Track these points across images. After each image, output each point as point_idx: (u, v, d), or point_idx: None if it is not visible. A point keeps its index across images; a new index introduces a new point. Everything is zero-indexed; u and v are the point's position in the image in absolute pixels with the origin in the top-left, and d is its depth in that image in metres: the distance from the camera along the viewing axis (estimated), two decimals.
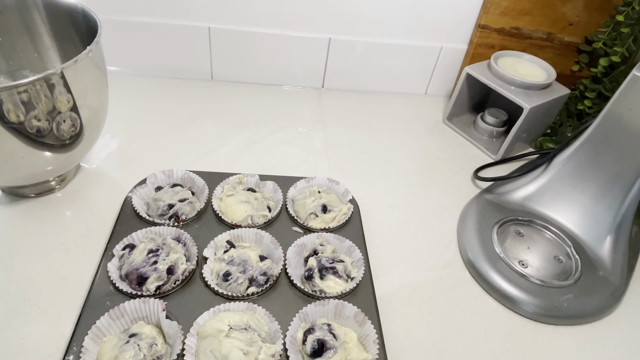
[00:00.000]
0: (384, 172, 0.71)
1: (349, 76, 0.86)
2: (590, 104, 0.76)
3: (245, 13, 0.76)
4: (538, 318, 0.53)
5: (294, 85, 0.87)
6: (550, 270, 0.57)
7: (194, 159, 0.68)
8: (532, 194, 0.64)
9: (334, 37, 0.80)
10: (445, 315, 0.52)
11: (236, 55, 0.81)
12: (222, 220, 0.56)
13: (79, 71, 0.48)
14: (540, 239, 0.61)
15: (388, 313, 0.51)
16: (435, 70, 0.86)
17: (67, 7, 0.56)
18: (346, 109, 0.83)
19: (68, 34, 0.58)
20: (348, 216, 0.58)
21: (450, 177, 0.72)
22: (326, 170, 0.70)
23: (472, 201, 0.66)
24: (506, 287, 0.54)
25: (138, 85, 0.81)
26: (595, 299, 0.54)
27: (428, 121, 0.83)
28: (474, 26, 0.80)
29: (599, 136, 0.58)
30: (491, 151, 0.77)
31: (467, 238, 0.60)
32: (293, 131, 0.76)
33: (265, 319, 0.47)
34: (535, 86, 0.71)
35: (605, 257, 0.58)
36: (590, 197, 0.60)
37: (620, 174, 0.57)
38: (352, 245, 0.54)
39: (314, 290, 0.50)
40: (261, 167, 0.68)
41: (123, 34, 0.77)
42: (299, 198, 0.60)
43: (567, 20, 0.78)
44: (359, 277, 0.51)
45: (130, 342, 0.42)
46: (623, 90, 0.54)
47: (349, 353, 0.44)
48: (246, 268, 0.50)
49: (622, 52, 0.69)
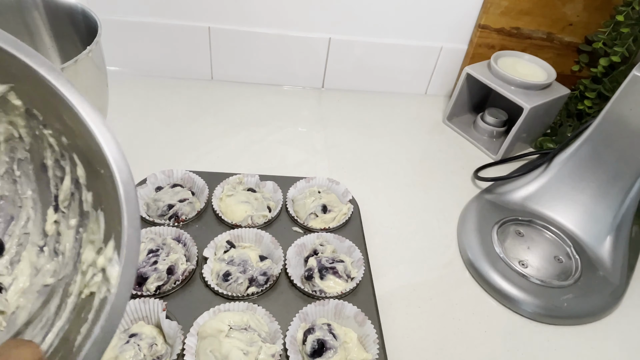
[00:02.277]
0: (384, 172, 0.71)
1: (349, 76, 0.86)
2: (590, 104, 0.76)
3: (245, 13, 0.76)
4: (538, 318, 0.53)
5: (294, 85, 0.87)
6: (550, 270, 0.57)
7: (194, 159, 0.68)
8: (532, 194, 0.64)
9: (334, 37, 0.80)
10: (445, 315, 0.52)
11: (236, 55, 0.81)
12: (222, 220, 0.56)
13: (79, 71, 0.48)
14: (540, 239, 0.61)
15: (388, 313, 0.51)
16: (435, 70, 0.86)
17: (67, 7, 0.56)
18: (346, 109, 0.83)
19: (68, 34, 0.58)
20: (348, 216, 0.58)
21: (450, 177, 0.72)
22: (326, 170, 0.70)
23: (472, 201, 0.66)
24: (506, 287, 0.54)
25: (138, 85, 0.81)
26: (595, 299, 0.55)
27: (428, 121, 0.83)
28: (474, 26, 0.80)
29: (599, 136, 0.58)
30: (491, 151, 0.77)
31: (467, 238, 0.60)
32: (293, 131, 0.76)
33: (265, 319, 0.47)
34: (535, 86, 0.71)
35: (605, 257, 0.58)
36: (590, 197, 0.60)
37: (620, 174, 0.57)
38: (352, 245, 0.54)
39: (314, 290, 0.50)
40: (261, 167, 0.68)
41: (123, 34, 0.77)
42: (299, 198, 0.60)
43: (567, 20, 0.78)
44: (359, 277, 0.51)
45: (130, 342, 0.42)
46: (623, 90, 0.54)
47: (349, 353, 0.44)
48: (246, 268, 0.50)
49: (622, 52, 0.69)
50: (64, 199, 0.31)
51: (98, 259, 0.27)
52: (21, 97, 0.29)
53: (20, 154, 0.33)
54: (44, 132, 0.30)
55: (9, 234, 0.33)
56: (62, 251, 0.31)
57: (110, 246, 0.26)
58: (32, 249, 0.33)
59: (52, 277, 0.31)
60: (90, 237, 0.29)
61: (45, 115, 0.30)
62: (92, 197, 0.29)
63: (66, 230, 0.31)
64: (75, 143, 0.29)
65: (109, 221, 0.28)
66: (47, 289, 0.31)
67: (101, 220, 0.28)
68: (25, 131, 0.31)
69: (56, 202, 0.32)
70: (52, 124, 0.30)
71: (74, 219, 0.31)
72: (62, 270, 0.31)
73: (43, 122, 0.30)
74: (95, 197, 0.29)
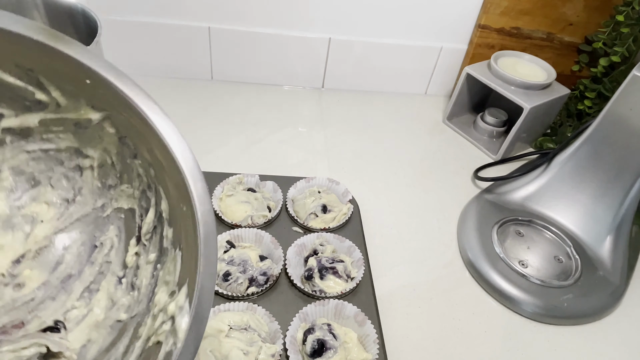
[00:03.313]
0: (384, 172, 0.71)
1: (349, 76, 0.86)
2: (590, 104, 0.76)
3: (245, 13, 0.76)
4: (538, 318, 0.53)
5: (294, 85, 0.87)
6: (550, 270, 0.57)
7: None
8: (532, 194, 0.64)
9: (334, 37, 0.80)
10: (445, 315, 0.52)
11: (236, 55, 0.81)
12: (222, 220, 0.56)
13: None
14: (540, 239, 0.61)
15: (388, 313, 0.51)
16: (435, 70, 0.86)
17: (67, 7, 0.56)
18: (346, 109, 0.83)
19: (68, 34, 0.58)
20: (348, 216, 0.58)
21: (450, 177, 0.72)
22: (326, 170, 0.70)
23: (472, 201, 0.66)
24: (506, 287, 0.54)
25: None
26: (595, 299, 0.55)
27: (428, 121, 0.83)
28: (474, 26, 0.80)
29: (599, 136, 0.58)
30: (491, 151, 0.77)
31: (467, 238, 0.60)
32: (293, 131, 0.76)
33: (265, 319, 0.47)
34: (535, 86, 0.71)
35: (605, 257, 0.58)
36: (590, 197, 0.60)
37: (620, 174, 0.57)
38: (352, 245, 0.54)
39: (314, 290, 0.50)
40: (261, 167, 0.68)
41: (123, 34, 0.77)
42: (299, 198, 0.60)
43: (567, 20, 0.78)
44: (359, 277, 0.51)
45: None
46: (623, 90, 0.54)
47: (349, 353, 0.44)
48: (246, 268, 0.50)
49: (622, 52, 0.69)
50: (147, 232, 0.31)
51: (170, 304, 0.26)
52: (116, 125, 0.30)
53: (112, 181, 0.33)
54: (135, 162, 0.31)
55: (92, 261, 0.33)
56: (138, 286, 0.31)
57: (183, 292, 0.26)
58: (112, 279, 0.33)
59: (125, 312, 0.31)
60: (166, 277, 0.29)
61: (137, 145, 0.30)
62: (172, 234, 0.29)
63: (145, 264, 0.31)
64: (163, 176, 0.29)
65: (186, 263, 0.27)
66: (119, 325, 0.31)
67: (178, 260, 0.28)
68: (117, 159, 0.32)
69: (139, 233, 0.32)
70: (142, 155, 0.30)
71: (154, 253, 0.31)
72: (136, 307, 0.30)
73: (134, 152, 0.30)
74: (175, 235, 0.29)
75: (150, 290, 0.30)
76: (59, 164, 0.33)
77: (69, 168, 0.33)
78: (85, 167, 0.33)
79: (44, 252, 0.33)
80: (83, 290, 0.32)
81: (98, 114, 0.29)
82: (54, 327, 0.31)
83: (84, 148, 0.32)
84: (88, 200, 0.34)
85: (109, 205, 0.33)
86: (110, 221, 0.34)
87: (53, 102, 0.30)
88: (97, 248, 0.33)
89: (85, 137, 0.31)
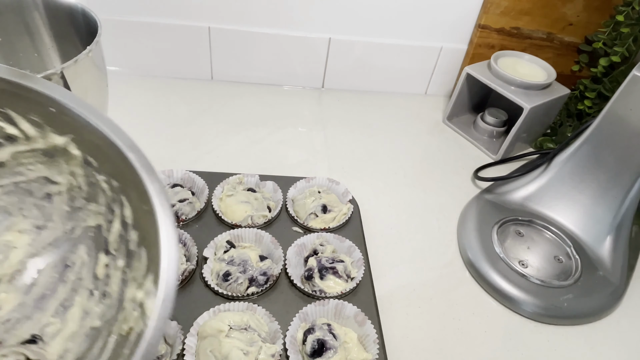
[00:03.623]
0: (384, 172, 0.71)
1: (349, 76, 0.86)
2: (590, 104, 0.76)
3: (245, 13, 0.76)
4: (538, 318, 0.53)
5: (294, 85, 0.87)
6: (550, 270, 0.57)
7: (194, 159, 0.68)
8: (532, 194, 0.64)
9: (334, 37, 0.80)
10: (445, 315, 0.52)
11: (236, 55, 0.81)
12: (222, 220, 0.56)
13: (79, 71, 0.47)
14: (540, 239, 0.61)
15: (388, 313, 0.51)
16: (435, 70, 0.86)
17: (67, 7, 0.56)
18: (346, 109, 0.83)
19: (68, 34, 0.58)
20: (348, 216, 0.58)
21: (450, 177, 0.72)
22: (326, 170, 0.70)
23: (472, 201, 0.66)
24: (506, 287, 0.54)
25: (138, 85, 0.81)
26: (595, 299, 0.55)
27: (428, 121, 0.83)
28: (474, 26, 0.80)
29: (599, 136, 0.58)
30: (491, 151, 0.77)
31: (467, 238, 0.60)
32: (293, 131, 0.76)
33: (265, 319, 0.47)
34: (535, 86, 0.71)
35: (605, 257, 0.58)
36: (590, 197, 0.60)
37: (620, 174, 0.57)
38: (352, 245, 0.54)
39: (314, 290, 0.50)
40: (261, 167, 0.68)
41: (123, 34, 0.77)
42: (299, 198, 0.60)
43: (567, 20, 0.78)
44: (359, 277, 0.51)
45: None
46: (623, 90, 0.54)
47: (349, 353, 0.44)
48: (246, 268, 0.50)
49: (622, 52, 0.69)
50: (114, 241, 0.32)
51: (137, 293, 0.27)
52: (80, 147, 0.31)
53: (79, 203, 0.34)
54: (98, 178, 0.32)
55: (65, 280, 0.34)
56: (109, 293, 0.32)
57: (149, 280, 0.26)
58: (84, 293, 0.33)
59: (99, 319, 0.32)
60: (134, 274, 0.29)
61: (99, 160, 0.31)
62: (137, 236, 0.30)
63: (114, 271, 0.32)
64: (125, 183, 0.30)
65: (150, 256, 0.28)
66: (94, 331, 0.31)
67: (143, 256, 0.29)
68: (84, 180, 0.33)
69: (106, 246, 0.33)
70: (104, 169, 0.31)
71: (122, 260, 0.31)
72: (108, 312, 0.31)
73: (98, 169, 0.31)
74: (140, 235, 0.30)
75: (121, 292, 0.31)
76: (29, 195, 0.35)
77: (39, 197, 0.35)
78: (54, 194, 0.35)
79: (18, 276, 0.34)
80: (57, 306, 0.34)
81: (63, 138, 0.31)
82: (32, 340, 0.32)
83: (52, 175, 0.34)
84: (58, 225, 0.35)
85: (79, 227, 0.35)
86: (80, 240, 0.35)
87: (22, 134, 0.32)
88: (68, 267, 0.35)
89: (54, 164, 0.33)
